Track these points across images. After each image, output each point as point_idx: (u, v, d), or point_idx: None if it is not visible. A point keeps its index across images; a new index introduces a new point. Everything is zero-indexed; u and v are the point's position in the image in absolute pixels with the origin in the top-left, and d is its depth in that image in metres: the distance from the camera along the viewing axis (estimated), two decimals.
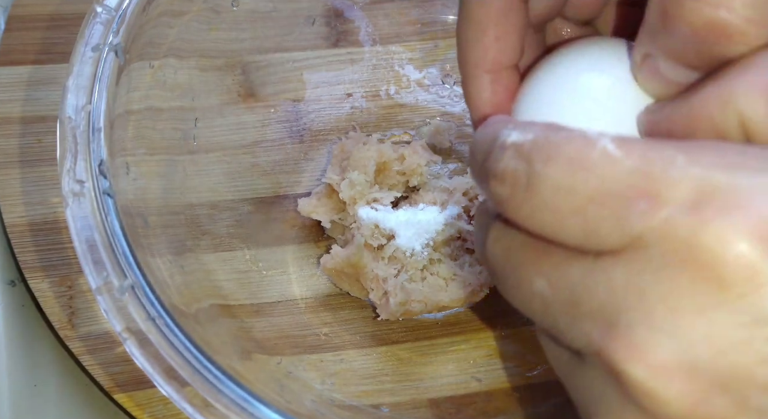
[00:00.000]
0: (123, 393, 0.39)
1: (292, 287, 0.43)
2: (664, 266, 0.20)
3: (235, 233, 0.43)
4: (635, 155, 0.21)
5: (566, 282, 0.22)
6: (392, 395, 0.41)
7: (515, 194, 0.22)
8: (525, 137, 0.22)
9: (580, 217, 0.21)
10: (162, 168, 0.40)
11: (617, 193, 0.20)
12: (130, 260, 0.32)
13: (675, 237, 0.20)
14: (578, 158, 0.21)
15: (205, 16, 0.43)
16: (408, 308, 0.41)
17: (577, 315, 0.22)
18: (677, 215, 0.20)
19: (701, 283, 0.20)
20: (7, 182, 0.43)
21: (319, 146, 0.47)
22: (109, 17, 0.36)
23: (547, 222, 0.22)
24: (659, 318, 0.20)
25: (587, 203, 0.21)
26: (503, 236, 0.24)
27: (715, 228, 0.19)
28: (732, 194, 0.20)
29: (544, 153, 0.21)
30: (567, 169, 0.21)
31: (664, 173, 0.20)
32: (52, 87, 0.45)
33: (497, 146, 0.23)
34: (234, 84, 0.46)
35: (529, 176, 0.21)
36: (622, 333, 0.20)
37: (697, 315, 0.20)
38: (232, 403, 0.30)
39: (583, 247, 0.21)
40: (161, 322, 0.31)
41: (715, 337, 0.20)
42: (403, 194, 0.44)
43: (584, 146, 0.21)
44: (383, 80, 0.49)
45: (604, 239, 0.21)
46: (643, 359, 0.20)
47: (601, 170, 0.21)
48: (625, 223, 0.20)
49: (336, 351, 0.42)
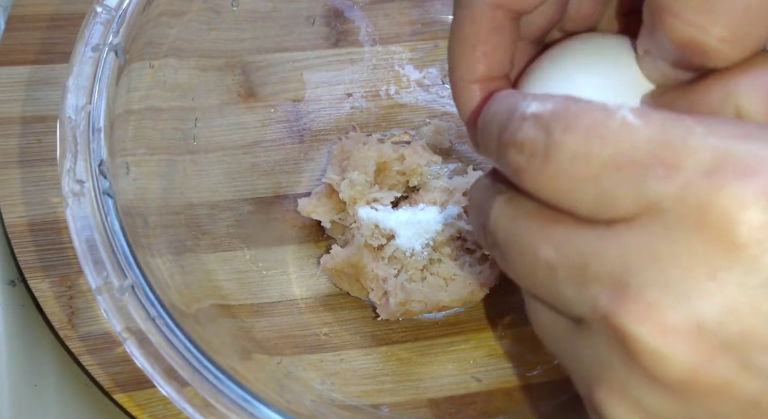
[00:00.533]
0: (123, 393, 0.39)
1: (292, 287, 0.43)
2: (679, 229, 0.20)
3: (235, 233, 0.43)
4: (654, 124, 0.21)
5: (575, 247, 0.22)
6: (392, 395, 0.41)
7: (533, 162, 0.22)
8: (545, 107, 0.22)
9: (595, 183, 0.21)
10: (162, 168, 0.40)
11: (635, 160, 0.21)
12: (130, 260, 0.32)
13: (691, 201, 0.20)
14: (597, 126, 0.21)
15: (205, 16, 0.43)
16: (408, 308, 0.41)
17: (584, 280, 0.22)
18: (694, 180, 0.20)
19: (715, 245, 0.20)
20: (7, 182, 0.43)
21: (319, 146, 0.47)
22: (109, 17, 0.36)
23: (562, 189, 0.22)
24: (672, 280, 0.20)
25: (604, 170, 0.21)
26: (510, 205, 0.24)
27: (730, 192, 0.20)
28: (748, 162, 0.20)
29: (564, 122, 0.22)
30: (586, 136, 0.21)
31: (683, 142, 0.21)
32: (52, 87, 0.45)
33: (517, 117, 0.23)
34: (234, 84, 0.46)
35: (547, 145, 0.22)
36: (633, 294, 0.21)
37: (709, 276, 0.20)
38: (232, 403, 0.31)
39: (595, 215, 0.22)
40: (161, 322, 0.31)
41: (726, 298, 0.20)
42: (403, 194, 0.44)
43: (604, 115, 0.22)
44: (383, 80, 0.49)
45: (618, 206, 0.21)
46: (651, 319, 0.20)
47: (619, 138, 0.21)
48: (642, 189, 0.21)
49: (336, 351, 0.42)
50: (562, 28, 0.30)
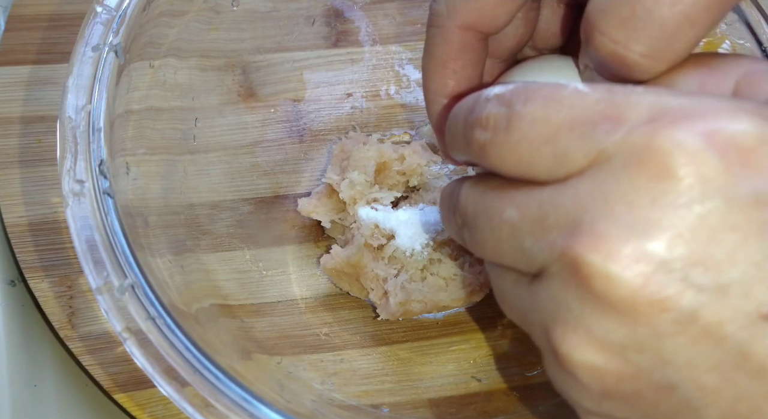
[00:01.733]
0: (123, 393, 0.39)
1: (292, 287, 0.43)
2: (624, 170, 0.23)
3: (235, 233, 0.43)
4: (601, 89, 0.24)
5: (535, 203, 0.24)
6: (392, 395, 0.41)
7: (496, 135, 0.25)
8: (506, 88, 0.25)
9: (552, 144, 0.24)
10: (162, 168, 0.40)
11: (584, 118, 0.24)
12: (130, 260, 0.32)
13: (633, 145, 0.23)
14: (553, 95, 0.24)
15: (205, 16, 0.43)
16: (408, 308, 0.41)
17: (543, 229, 0.24)
18: (635, 128, 0.23)
19: (655, 179, 0.22)
20: (7, 182, 0.43)
21: (319, 146, 0.47)
22: (109, 17, 0.36)
23: (524, 155, 0.24)
24: (619, 213, 0.23)
25: (559, 130, 0.24)
26: (478, 183, 0.27)
27: (665, 133, 0.22)
28: (681, 110, 0.23)
29: (524, 96, 0.25)
30: (543, 104, 0.24)
31: (625, 99, 0.24)
32: (52, 87, 0.45)
33: (481, 100, 0.26)
34: (234, 84, 0.46)
35: (509, 116, 0.24)
36: (586, 230, 0.23)
37: (651, 205, 0.22)
38: (232, 403, 0.31)
39: (553, 175, 0.24)
40: (161, 322, 0.31)
41: (665, 223, 0.22)
42: (403, 194, 0.44)
43: (558, 87, 0.24)
44: (383, 80, 0.49)
45: (572, 161, 0.24)
46: (601, 247, 0.23)
47: (572, 102, 0.24)
48: (591, 142, 0.23)
49: (336, 351, 0.42)
50: (533, 46, 0.33)
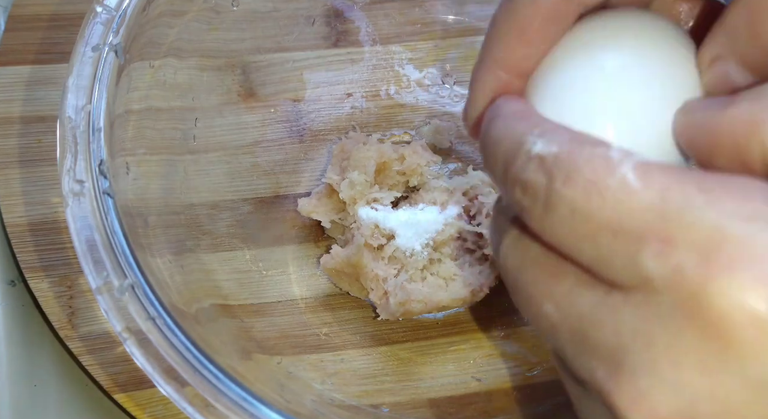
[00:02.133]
0: (123, 393, 0.39)
1: (292, 287, 0.43)
2: (672, 315, 0.19)
3: (235, 233, 0.43)
4: (654, 188, 0.20)
5: (575, 312, 0.21)
6: (392, 395, 0.41)
7: (536, 206, 0.21)
8: (549, 150, 0.21)
9: (593, 243, 0.21)
10: (162, 168, 0.40)
11: (631, 228, 0.20)
12: (130, 260, 0.32)
13: (683, 287, 0.19)
14: (596, 182, 0.20)
15: (205, 16, 0.43)
16: (408, 308, 0.41)
17: (583, 348, 0.21)
18: (687, 263, 0.19)
19: (707, 339, 0.19)
20: (7, 182, 0.43)
21: (319, 146, 0.47)
22: (109, 17, 0.36)
23: (563, 240, 0.21)
24: (664, 369, 0.20)
25: (600, 231, 0.20)
26: (518, 244, 0.23)
27: (722, 283, 0.19)
28: (744, 248, 0.19)
29: (565, 171, 0.21)
30: (584, 192, 0.20)
31: (680, 215, 0.19)
32: (52, 87, 0.45)
33: (523, 154, 0.22)
34: (234, 84, 0.46)
35: (548, 193, 0.21)
36: (626, 378, 0.20)
37: (701, 371, 0.19)
38: (232, 403, 0.31)
39: (596, 272, 0.21)
40: (161, 322, 0.31)
41: (717, 396, 0.19)
42: (403, 194, 0.44)
43: (604, 168, 0.20)
44: (383, 80, 0.49)
45: (615, 272, 0.20)
46: (643, 409, 0.20)
47: (616, 201, 0.20)
48: (637, 262, 0.20)
49: (336, 351, 0.42)
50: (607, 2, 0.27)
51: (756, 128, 0.21)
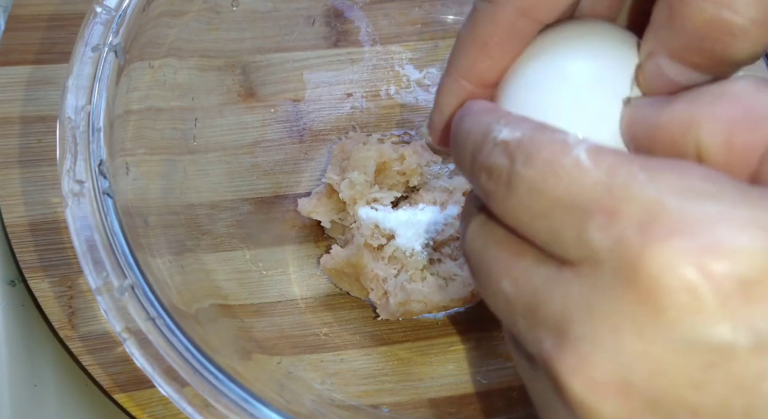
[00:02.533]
0: (123, 393, 0.39)
1: (292, 287, 0.43)
2: (613, 284, 0.21)
3: (235, 233, 0.43)
4: (603, 167, 0.21)
5: (529, 286, 0.23)
6: (392, 395, 0.41)
7: (498, 189, 0.23)
8: (513, 135, 0.23)
9: (547, 220, 0.22)
10: (162, 168, 0.40)
11: (580, 203, 0.21)
12: (129, 260, 0.32)
13: (622, 256, 0.20)
14: (553, 161, 0.22)
15: (205, 16, 0.43)
16: (408, 308, 0.41)
17: (533, 320, 0.22)
18: (628, 233, 0.20)
19: (641, 305, 0.20)
20: (7, 182, 0.43)
21: (319, 146, 0.47)
22: (109, 17, 0.36)
23: (522, 220, 0.23)
24: (603, 335, 0.21)
25: (553, 208, 0.22)
26: (483, 229, 0.25)
27: (656, 250, 0.20)
28: (679, 219, 0.20)
29: (525, 153, 0.22)
30: (541, 171, 0.22)
31: (624, 189, 0.21)
32: (52, 87, 0.45)
33: (489, 141, 0.24)
34: (234, 84, 0.46)
35: (510, 174, 0.22)
36: (569, 345, 0.21)
37: (637, 336, 0.20)
38: (232, 403, 0.31)
39: (550, 252, 0.22)
40: (161, 322, 0.31)
41: (651, 359, 0.20)
42: (403, 194, 0.44)
43: (560, 150, 0.22)
44: (383, 80, 0.49)
45: (565, 247, 0.22)
46: (582, 373, 0.21)
47: (569, 178, 0.21)
48: (584, 235, 0.21)
49: (336, 351, 0.42)
50: None
51: (692, 127, 0.23)
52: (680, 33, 0.24)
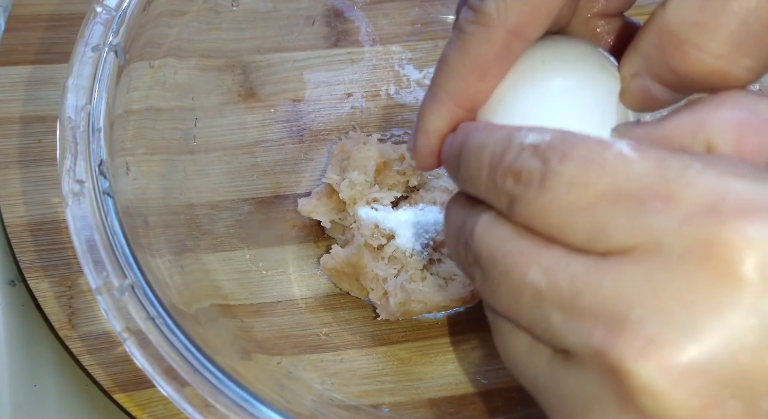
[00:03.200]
0: (123, 393, 0.39)
1: (292, 287, 0.43)
2: (682, 263, 0.20)
3: (235, 233, 0.43)
4: (651, 157, 0.21)
5: (567, 274, 0.21)
6: (392, 395, 0.41)
7: (529, 190, 0.22)
8: (542, 138, 0.22)
9: (591, 214, 0.21)
10: (162, 168, 0.40)
11: (631, 192, 0.21)
12: (130, 260, 0.32)
13: (693, 235, 0.20)
14: (594, 156, 0.21)
15: (205, 16, 0.43)
16: (408, 308, 0.41)
17: (576, 310, 0.21)
18: (695, 215, 0.20)
19: (720, 281, 0.19)
20: (7, 182, 0.43)
21: (319, 146, 0.47)
22: (109, 17, 0.36)
23: (555, 220, 0.22)
24: (675, 314, 0.20)
25: (599, 200, 0.21)
26: (497, 223, 0.24)
27: (736, 229, 0.19)
28: (749, 199, 0.20)
29: (560, 152, 0.22)
30: (583, 166, 0.21)
31: (680, 176, 0.21)
32: (52, 87, 0.45)
33: (515, 147, 0.23)
34: (234, 84, 0.46)
35: (544, 174, 0.22)
36: (632, 329, 0.20)
37: (714, 313, 0.19)
38: (232, 403, 0.30)
39: (590, 246, 0.21)
40: (161, 322, 0.31)
41: (732, 338, 0.19)
42: (403, 194, 0.44)
43: (600, 146, 0.22)
44: (383, 80, 0.49)
45: (614, 238, 0.21)
46: (655, 356, 0.20)
47: (616, 169, 0.21)
48: (639, 221, 0.20)
49: (336, 351, 0.42)
50: None
51: (701, 129, 0.23)
52: (671, 68, 0.25)
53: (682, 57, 0.24)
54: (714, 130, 0.23)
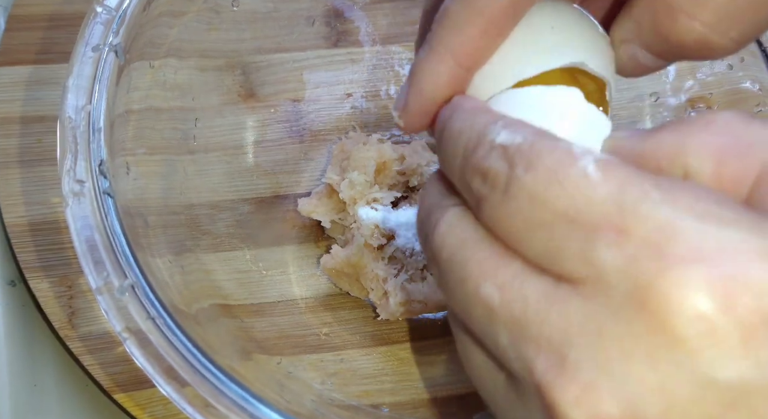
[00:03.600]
0: (123, 393, 0.39)
1: (292, 287, 0.43)
2: (623, 307, 0.19)
3: (235, 233, 0.43)
4: (613, 181, 0.20)
5: (520, 296, 0.21)
6: (392, 395, 0.41)
7: (493, 194, 0.21)
8: (513, 139, 0.21)
9: (547, 232, 0.20)
10: (162, 168, 0.40)
11: (587, 218, 0.20)
12: (130, 260, 0.32)
13: (635, 279, 0.19)
14: (557, 170, 0.20)
15: (205, 16, 0.43)
16: (408, 308, 0.41)
17: (523, 336, 0.20)
18: (640, 255, 0.19)
19: (656, 332, 0.19)
20: (7, 182, 0.43)
21: (319, 146, 0.47)
22: (109, 17, 0.36)
23: (515, 230, 0.21)
24: (610, 361, 0.19)
25: (556, 220, 0.20)
26: (461, 223, 0.23)
27: (675, 277, 0.18)
28: (698, 244, 0.19)
29: (526, 159, 0.21)
30: (545, 180, 0.20)
31: (636, 207, 0.19)
32: (52, 87, 0.45)
33: (486, 143, 0.22)
34: (234, 84, 0.46)
35: (508, 180, 0.21)
36: (569, 370, 0.19)
37: (649, 365, 0.19)
38: (232, 403, 0.31)
39: (545, 266, 0.21)
40: (161, 322, 0.31)
41: (665, 391, 0.19)
42: (403, 194, 0.44)
43: (566, 159, 0.20)
44: (383, 80, 0.49)
45: (567, 263, 0.20)
46: (586, 403, 0.19)
47: (576, 189, 0.20)
48: (590, 252, 0.20)
49: (336, 351, 0.42)
50: None
51: (679, 154, 0.22)
52: (662, 38, 0.25)
53: (673, 24, 0.25)
54: (692, 155, 0.22)
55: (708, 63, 0.44)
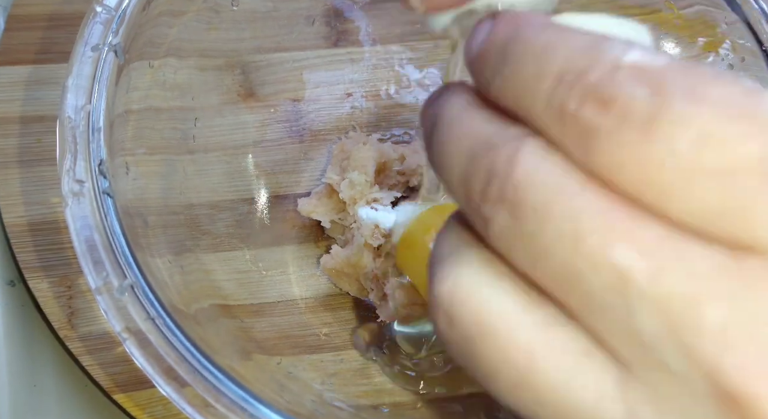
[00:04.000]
0: (123, 393, 0.39)
1: (292, 287, 0.43)
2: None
3: (235, 233, 0.43)
4: None
5: (682, 271, 0.16)
6: (392, 395, 0.40)
7: (621, 130, 0.16)
8: (653, 61, 0.16)
9: (729, 186, 0.15)
10: (162, 168, 0.40)
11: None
12: (129, 260, 0.32)
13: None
14: (745, 103, 0.15)
15: (205, 16, 0.43)
16: (408, 311, 0.41)
17: (693, 324, 0.16)
18: None
19: None
20: (7, 182, 0.43)
21: (319, 146, 0.47)
22: (108, 17, 0.36)
23: (663, 182, 0.15)
24: None
25: (749, 171, 0.15)
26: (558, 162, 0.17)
27: None
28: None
29: (685, 86, 0.15)
30: (725, 116, 0.15)
31: None
32: (52, 87, 0.45)
33: (606, 60, 0.16)
34: (234, 84, 0.46)
35: (652, 113, 0.15)
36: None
37: None
38: (232, 403, 0.30)
39: (712, 229, 0.16)
40: (161, 322, 0.31)
41: None
42: (403, 194, 0.44)
43: (748, 93, 0.16)
44: (383, 80, 0.49)
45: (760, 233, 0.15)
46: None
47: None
48: None
49: (336, 351, 0.42)
50: None
51: None
52: None
53: None
54: None
55: (708, 63, 0.44)
